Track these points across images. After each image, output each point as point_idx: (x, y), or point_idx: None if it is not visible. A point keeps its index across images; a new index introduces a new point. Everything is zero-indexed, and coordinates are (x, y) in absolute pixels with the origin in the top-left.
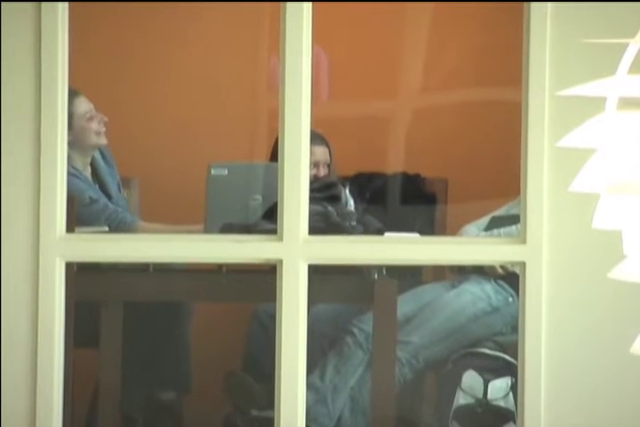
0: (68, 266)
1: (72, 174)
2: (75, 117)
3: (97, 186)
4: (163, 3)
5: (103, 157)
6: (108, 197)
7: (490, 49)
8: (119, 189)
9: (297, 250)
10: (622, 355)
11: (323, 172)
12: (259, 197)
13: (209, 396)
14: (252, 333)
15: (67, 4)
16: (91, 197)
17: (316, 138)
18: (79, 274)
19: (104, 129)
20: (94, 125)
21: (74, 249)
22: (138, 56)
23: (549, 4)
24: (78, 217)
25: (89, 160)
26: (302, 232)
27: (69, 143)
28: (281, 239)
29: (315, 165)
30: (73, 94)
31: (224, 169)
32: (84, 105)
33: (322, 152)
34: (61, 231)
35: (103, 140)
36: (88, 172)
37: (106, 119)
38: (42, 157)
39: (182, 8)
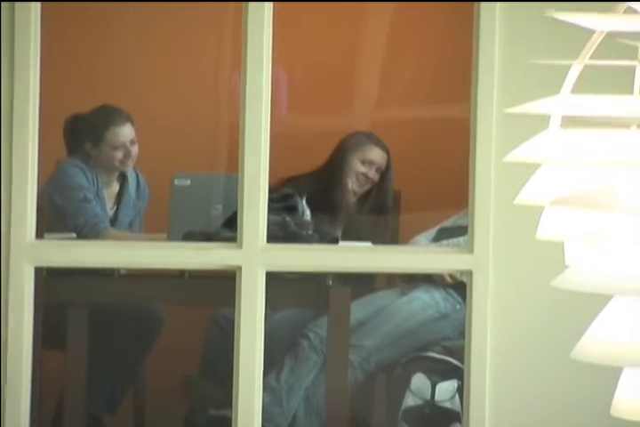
0: (37, 271)
1: (81, 170)
2: (102, 142)
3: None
4: (128, 13)
5: (138, 185)
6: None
7: (443, 67)
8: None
9: (256, 257)
10: (563, 359)
11: (372, 175)
12: (219, 206)
13: (167, 397)
14: (211, 336)
15: (39, 3)
16: (85, 196)
17: (377, 140)
18: (47, 278)
19: (130, 161)
20: (118, 155)
21: (43, 255)
22: (100, 68)
23: (497, 18)
24: (63, 208)
25: (114, 178)
26: (261, 240)
27: (95, 158)
28: (240, 247)
29: (369, 163)
30: (110, 123)
31: (187, 180)
32: (115, 135)
33: (380, 154)
34: (31, 237)
35: (125, 168)
36: (111, 185)
37: (135, 152)
38: (13, 164)
39: (146, 20)
